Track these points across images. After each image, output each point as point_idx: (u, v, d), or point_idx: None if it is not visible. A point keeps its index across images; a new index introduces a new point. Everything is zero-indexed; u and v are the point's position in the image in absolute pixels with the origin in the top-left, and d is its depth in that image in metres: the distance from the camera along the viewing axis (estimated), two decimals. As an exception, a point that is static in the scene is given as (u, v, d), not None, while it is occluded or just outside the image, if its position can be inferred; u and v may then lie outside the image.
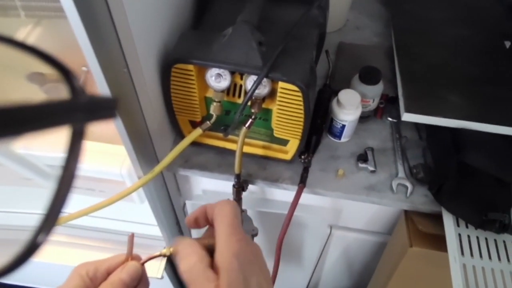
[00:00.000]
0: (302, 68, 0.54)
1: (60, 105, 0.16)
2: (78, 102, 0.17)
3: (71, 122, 0.17)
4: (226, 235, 0.34)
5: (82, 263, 0.35)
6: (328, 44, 0.86)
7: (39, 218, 0.16)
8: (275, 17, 0.61)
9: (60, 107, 0.16)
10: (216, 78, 0.55)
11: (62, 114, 0.16)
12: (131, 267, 0.36)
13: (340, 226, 0.81)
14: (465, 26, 0.85)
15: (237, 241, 0.34)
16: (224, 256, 0.32)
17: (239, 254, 0.33)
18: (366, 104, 0.71)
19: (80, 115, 0.17)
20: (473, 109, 0.67)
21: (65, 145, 0.17)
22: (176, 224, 0.87)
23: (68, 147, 0.17)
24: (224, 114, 0.63)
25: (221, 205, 0.36)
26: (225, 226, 0.34)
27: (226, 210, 0.36)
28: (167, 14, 0.57)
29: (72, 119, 0.17)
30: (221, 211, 0.36)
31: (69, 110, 0.17)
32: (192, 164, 0.68)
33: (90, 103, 0.18)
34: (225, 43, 0.53)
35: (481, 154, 0.63)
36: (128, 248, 0.37)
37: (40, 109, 0.15)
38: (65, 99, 0.17)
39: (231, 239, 0.34)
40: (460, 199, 0.61)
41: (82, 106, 0.17)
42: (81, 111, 0.17)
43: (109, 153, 0.71)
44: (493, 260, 0.59)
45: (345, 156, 0.71)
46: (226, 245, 0.33)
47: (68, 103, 0.17)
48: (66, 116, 0.16)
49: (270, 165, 0.68)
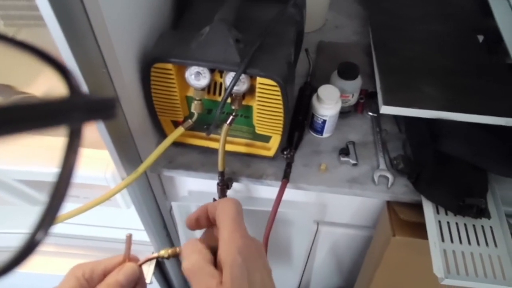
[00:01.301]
0: (279, 63, 0.55)
1: (59, 104, 0.16)
2: (76, 101, 0.17)
3: (69, 122, 0.16)
4: (229, 231, 0.33)
5: (78, 264, 0.35)
6: (308, 44, 0.88)
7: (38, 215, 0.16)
8: (252, 16, 0.62)
9: (58, 106, 0.16)
10: (195, 76, 0.56)
11: (60, 113, 0.16)
12: (128, 268, 0.35)
13: (326, 222, 0.82)
14: (440, 21, 0.88)
15: (240, 237, 0.33)
16: (228, 252, 0.32)
17: (243, 250, 0.32)
18: (346, 99, 0.73)
19: (79, 114, 0.17)
20: (448, 100, 0.69)
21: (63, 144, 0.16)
22: (164, 228, 0.87)
23: (66, 146, 0.16)
24: (206, 113, 0.64)
25: (223, 203, 0.36)
26: (228, 223, 0.34)
27: (229, 207, 0.35)
28: (146, 15, 0.58)
29: (70, 119, 0.16)
30: (224, 208, 0.35)
31: (67, 109, 0.16)
32: (177, 164, 0.68)
33: (88, 103, 0.17)
34: (203, 41, 0.54)
35: (456, 142, 0.65)
36: (126, 249, 0.37)
37: (38, 108, 0.15)
38: (63, 98, 0.17)
39: (234, 235, 0.33)
40: (438, 186, 0.63)
41: (81, 106, 0.17)
42: (80, 111, 0.17)
43: (93, 157, 0.71)
44: (472, 244, 0.61)
45: (327, 151, 0.72)
46: (229, 241, 0.33)
47: (66, 102, 0.17)
48: (64, 115, 0.16)
49: (253, 163, 0.69)
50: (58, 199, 0.16)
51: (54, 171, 0.17)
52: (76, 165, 0.17)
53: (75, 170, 0.17)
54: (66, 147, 0.16)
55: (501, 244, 0.62)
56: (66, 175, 0.16)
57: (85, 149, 0.71)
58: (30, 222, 0.17)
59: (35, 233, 0.16)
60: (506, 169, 0.65)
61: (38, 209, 0.16)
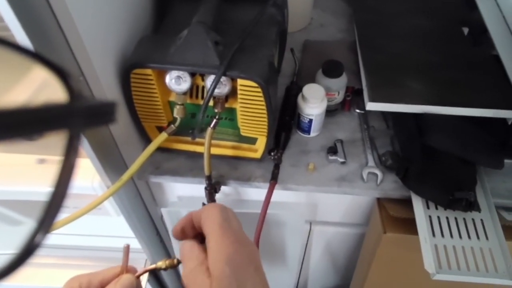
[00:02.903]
0: (260, 64, 0.55)
1: (58, 109, 0.16)
2: (76, 106, 0.17)
3: (68, 127, 0.16)
4: (216, 240, 0.32)
5: (75, 276, 0.34)
6: (294, 43, 0.88)
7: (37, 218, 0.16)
8: (232, 18, 0.62)
9: (58, 111, 0.16)
10: (176, 81, 0.55)
11: (60, 118, 0.16)
12: (125, 280, 0.34)
13: (318, 221, 0.82)
14: (424, 16, 0.87)
15: (229, 244, 0.32)
16: (215, 263, 0.31)
17: (232, 259, 0.31)
18: (332, 97, 0.72)
19: (78, 119, 0.17)
20: (434, 94, 0.68)
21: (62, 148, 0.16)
22: (157, 235, 0.86)
23: (65, 149, 0.16)
24: (190, 117, 0.63)
25: (207, 210, 0.34)
26: (214, 230, 0.32)
27: (213, 213, 0.34)
28: (123, 21, 0.58)
29: (70, 124, 0.16)
30: (208, 215, 0.34)
31: (67, 114, 0.16)
32: (163, 170, 0.68)
33: (88, 108, 0.17)
34: (181, 45, 0.53)
35: (443, 136, 0.64)
36: (123, 260, 0.36)
37: (37, 113, 0.15)
38: (63, 103, 0.17)
39: (222, 242, 0.32)
40: (426, 181, 0.62)
41: (81, 111, 0.17)
42: (79, 116, 0.17)
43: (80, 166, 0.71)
44: (463, 238, 0.60)
45: (315, 150, 0.71)
46: (217, 250, 0.31)
47: (66, 107, 0.17)
48: (64, 120, 0.16)
49: (241, 165, 0.69)
50: (58, 200, 0.16)
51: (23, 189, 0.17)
52: (75, 168, 0.17)
53: (74, 172, 0.17)
54: (65, 151, 0.16)
55: (492, 236, 0.61)
56: (65, 177, 0.16)
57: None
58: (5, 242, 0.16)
59: (34, 235, 0.16)
60: (494, 161, 0.64)
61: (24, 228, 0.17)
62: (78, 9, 0.44)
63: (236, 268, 0.31)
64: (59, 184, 0.16)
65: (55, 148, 0.67)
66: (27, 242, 0.16)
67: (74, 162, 0.16)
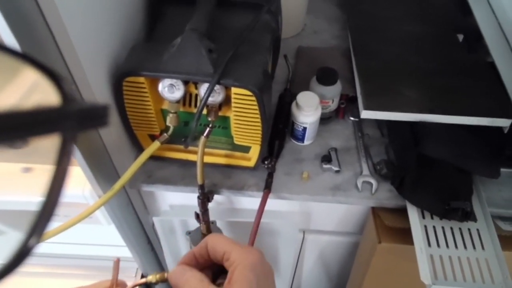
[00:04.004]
0: (254, 72, 0.54)
1: (51, 112, 0.16)
2: (69, 109, 0.17)
3: (61, 130, 0.16)
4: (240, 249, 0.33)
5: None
6: (288, 49, 0.87)
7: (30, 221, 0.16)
8: (225, 24, 0.61)
9: (50, 114, 0.16)
10: (169, 89, 0.54)
11: (52, 121, 0.16)
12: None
13: (312, 230, 0.81)
14: (419, 22, 0.87)
15: (253, 254, 0.33)
16: (240, 268, 0.32)
17: (256, 266, 0.32)
18: (326, 105, 0.72)
19: (71, 123, 0.16)
20: (429, 102, 0.68)
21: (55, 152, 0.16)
22: (148, 244, 0.85)
23: (58, 153, 0.16)
24: (183, 125, 0.62)
25: (245, 253, 0.34)
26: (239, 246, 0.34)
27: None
28: (115, 27, 0.57)
29: (63, 127, 0.16)
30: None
31: (60, 117, 0.16)
32: (156, 178, 0.67)
33: (81, 111, 0.17)
34: (174, 52, 0.52)
35: (439, 145, 0.64)
36: (113, 274, 0.36)
37: (29, 116, 0.15)
38: (55, 106, 0.16)
39: (247, 252, 0.33)
40: (421, 190, 0.62)
41: (73, 114, 0.17)
42: (72, 119, 0.16)
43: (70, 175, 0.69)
44: (459, 248, 0.60)
45: (309, 158, 0.71)
46: (242, 257, 0.32)
47: (59, 110, 0.16)
48: (57, 123, 0.16)
49: (234, 174, 0.68)
50: (51, 205, 0.16)
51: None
52: (68, 172, 0.16)
53: (67, 176, 0.16)
54: (58, 154, 0.16)
55: (488, 246, 0.61)
56: (58, 181, 0.16)
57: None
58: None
59: (27, 239, 0.15)
60: (490, 170, 0.64)
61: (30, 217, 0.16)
62: (69, 15, 0.43)
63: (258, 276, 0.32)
64: (52, 188, 0.16)
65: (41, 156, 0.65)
66: (19, 248, 0.15)
67: (68, 166, 0.16)
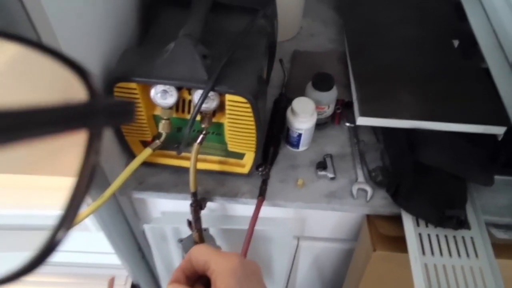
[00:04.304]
0: (249, 79, 0.53)
1: (79, 108, 0.16)
2: (97, 105, 0.17)
3: (89, 126, 0.16)
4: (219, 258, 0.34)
5: None
6: (283, 53, 0.86)
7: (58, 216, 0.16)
8: (220, 29, 0.60)
9: (79, 110, 0.16)
10: (162, 95, 0.53)
11: (81, 117, 0.16)
12: None
13: (306, 237, 0.80)
14: (414, 27, 0.87)
15: (231, 260, 0.33)
16: (220, 277, 0.32)
17: (236, 271, 0.32)
18: (322, 111, 0.71)
19: (99, 118, 0.17)
20: (425, 109, 0.67)
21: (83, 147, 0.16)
22: (139, 251, 0.83)
23: (86, 149, 0.16)
24: (176, 131, 0.61)
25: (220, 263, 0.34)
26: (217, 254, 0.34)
27: (200, 248, 0.35)
28: (107, 30, 0.55)
29: (91, 123, 0.16)
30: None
31: (88, 113, 0.16)
32: (147, 185, 0.65)
33: (108, 107, 0.18)
34: (168, 58, 0.51)
35: (435, 152, 0.63)
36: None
37: (58, 112, 0.15)
38: (83, 101, 0.17)
39: (225, 259, 0.33)
40: (417, 198, 0.61)
41: (101, 110, 0.17)
42: (100, 115, 0.17)
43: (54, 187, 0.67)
44: (453, 256, 0.59)
45: (304, 164, 0.70)
46: (220, 265, 0.33)
47: (87, 106, 0.17)
48: (85, 119, 0.16)
49: (228, 180, 0.67)
50: (78, 198, 0.16)
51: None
52: (96, 167, 0.17)
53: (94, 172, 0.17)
54: (85, 150, 0.16)
55: (482, 255, 0.60)
56: (85, 176, 0.16)
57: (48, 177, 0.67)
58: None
59: (55, 233, 0.16)
60: (485, 178, 0.64)
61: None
62: (57, 17, 0.41)
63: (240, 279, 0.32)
64: (79, 182, 0.16)
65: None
66: (48, 240, 0.16)
67: (95, 161, 0.17)
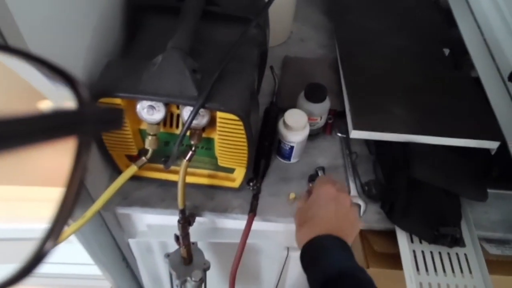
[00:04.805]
0: (241, 95, 0.50)
1: (68, 116, 0.16)
2: (86, 112, 0.17)
3: (78, 133, 0.16)
4: None
5: None
6: (273, 58, 0.83)
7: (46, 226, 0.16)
8: (210, 38, 0.57)
9: (68, 118, 0.16)
10: (148, 110, 0.50)
11: (70, 125, 0.16)
12: None
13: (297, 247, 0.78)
14: (405, 35, 0.85)
15: None
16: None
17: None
18: (314, 122, 0.69)
19: (88, 126, 0.17)
20: (418, 122, 0.66)
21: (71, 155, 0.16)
22: (123, 260, 0.80)
23: (74, 157, 0.16)
24: (163, 145, 0.58)
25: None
26: None
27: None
28: (88, 40, 0.51)
29: (80, 130, 0.16)
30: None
31: (77, 121, 0.16)
32: (132, 200, 0.62)
33: (97, 114, 0.18)
34: (155, 72, 0.48)
35: (429, 167, 0.62)
36: None
37: (47, 120, 0.15)
38: (72, 109, 0.17)
39: None
40: (411, 215, 0.60)
41: (90, 117, 0.17)
42: (89, 122, 0.17)
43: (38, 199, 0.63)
44: (448, 275, 0.58)
45: (296, 177, 0.68)
46: None
47: (76, 113, 0.17)
48: (74, 127, 0.16)
49: (217, 194, 0.64)
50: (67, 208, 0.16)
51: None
52: (85, 176, 0.17)
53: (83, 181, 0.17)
54: (74, 158, 0.16)
55: (476, 272, 0.60)
56: (74, 185, 0.16)
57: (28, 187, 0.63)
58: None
59: (44, 243, 0.16)
60: (479, 194, 0.63)
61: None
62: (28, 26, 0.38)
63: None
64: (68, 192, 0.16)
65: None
66: (35, 251, 0.15)
67: (84, 169, 0.17)
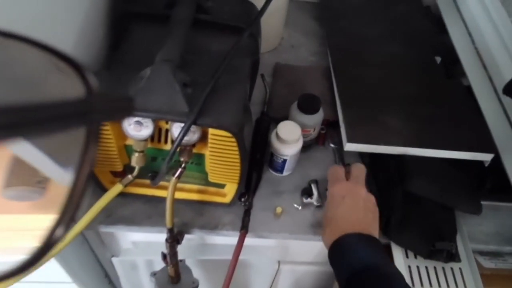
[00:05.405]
0: (234, 109, 0.47)
1: (77, 105, 0.16)
2: (94, 101, 0.17)
3: (87, 122, 0.16)
4: None
5: None
6: (264, 65, 0.81)
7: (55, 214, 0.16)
8: (201, 48, 0.54)
9: (77, 107, 0.16)
10: (135, 126, 0.47)
11: (79, 114, 0.16)
12: None
13: (288, 261, 0.76)
14: (397, 42, 0.84)
15: None
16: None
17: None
18: (307, 133, 0.67)
19: (97, 115, 0.17)
20: (412, 134, 0.65)
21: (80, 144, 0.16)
22: (105, 277, 0.76)
23: (83, 146, 0.16)
24: (151, 161, 0.55)
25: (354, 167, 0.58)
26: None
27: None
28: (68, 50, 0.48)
29: (89, 119, 0.16)
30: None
31: (86, 109, 0.16)
32: (116, 218, 0.59)
33: (106, 103, 0.17)
34: (143, 87, 0.44)
35: (424, 181, 0.61)
36: None
37: (56, 109, 0.15)
38: (81, 98, 0.16)
39: None
40: (407, 230, 0.59)
41: (99, 106, 0.17)
42: (98, 111, 0.17)
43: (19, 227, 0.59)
44: (443, 290, 0.57)
45: (288, 190, 0.65)
46: None
47: (84, 102, 0.16)
48: (83, 116, 0.16)
49: (207, 210, 0.61)
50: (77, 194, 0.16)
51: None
52: (93, 163, 0.16)
53: (91, 169, 0.16)
54: (83, 147, 0.16)
55: (471, 287, 0.59)
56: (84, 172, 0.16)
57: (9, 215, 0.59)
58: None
59: (54, 230, 0.16)
60: (473, 207, 0.62)
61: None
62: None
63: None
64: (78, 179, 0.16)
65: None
66: (47, 236, 0.16)
67: (93, 157, 0.16)
